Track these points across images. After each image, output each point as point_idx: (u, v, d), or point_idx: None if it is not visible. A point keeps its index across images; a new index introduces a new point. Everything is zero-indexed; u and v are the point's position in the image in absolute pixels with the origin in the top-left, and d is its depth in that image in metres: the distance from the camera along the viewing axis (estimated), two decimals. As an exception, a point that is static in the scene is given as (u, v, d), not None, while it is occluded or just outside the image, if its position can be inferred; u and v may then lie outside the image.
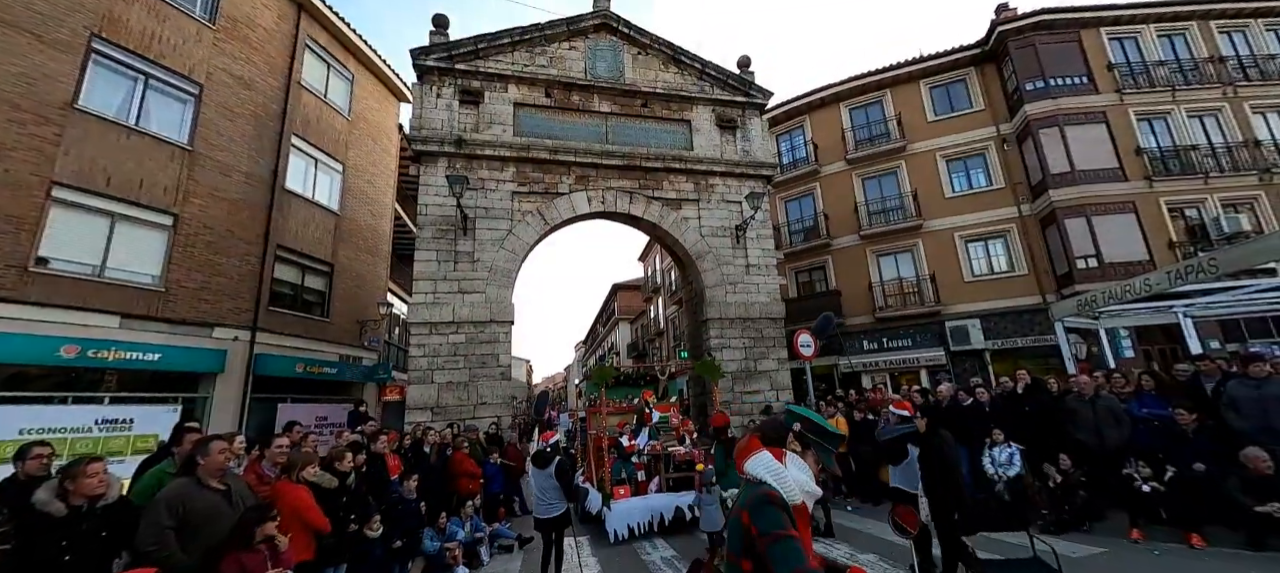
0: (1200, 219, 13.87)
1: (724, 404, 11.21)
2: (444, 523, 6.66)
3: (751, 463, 1.64)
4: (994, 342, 14.46)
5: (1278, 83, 14.80)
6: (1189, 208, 14.07)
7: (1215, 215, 13.68)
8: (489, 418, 9.78)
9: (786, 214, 18.33)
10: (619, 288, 36.95)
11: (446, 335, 9.97)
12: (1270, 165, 14.03)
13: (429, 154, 10.69)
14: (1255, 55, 15.15)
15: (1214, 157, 14.25)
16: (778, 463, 1.63)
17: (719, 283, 11.94)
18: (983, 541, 5.71)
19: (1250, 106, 14.67)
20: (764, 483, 1.60)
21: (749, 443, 1.71)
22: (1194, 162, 14.16)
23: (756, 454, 1.66)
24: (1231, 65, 15.02)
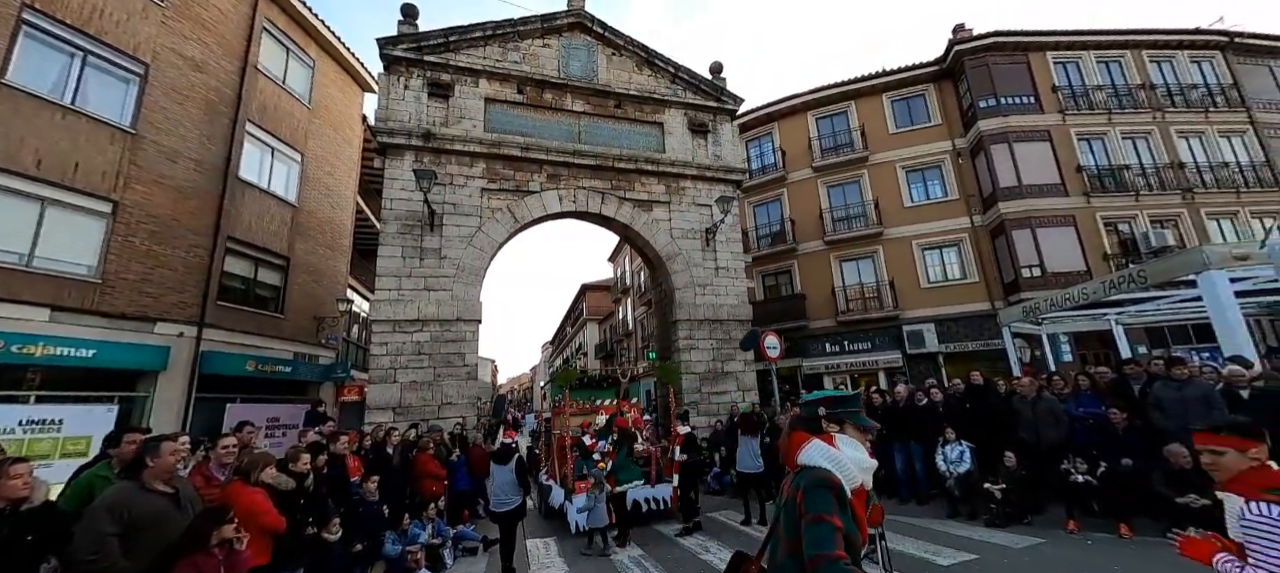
0: (1131, 233, 14.97)
1: (692, 404, 11.36)
2: (406, 525, 6.49)
3: (806, 453, 1.65)
4: (947, 345, 15.18)
5: (1200, 110, 16.14)
6: (1122, 222, 15.16)
7: (1145, 231, 14.79)
8: (454, 418, 9.58)
9: (755, 219, 18.71)
10: (588, 288, 36.79)
11: (411, 334, 9.71)
12: (1192, 186, 15.29)
13: (395, 147, 10.39)
14: (1181, 84, 16.48)
15: (1144, 176, 15.41)
16: (832, 449, 1.65)
17: (688, 285, 12.08)
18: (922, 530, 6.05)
19: (1176, 131, 15.95)
20: (821, 467, 1.60)
21: (794, 438, 1.71)
22: (1127, 180, 15.27)
23: (808, 445, 1.66)
24: (1160, 92, 16.28)
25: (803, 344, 16.64)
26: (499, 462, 5.93)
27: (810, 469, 1.61)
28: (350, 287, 14.94)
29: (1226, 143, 16.00)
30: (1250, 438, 1.93)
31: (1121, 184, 15.24)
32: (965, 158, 16.38)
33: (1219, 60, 16.86)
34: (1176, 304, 9.77)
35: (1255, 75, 16.92)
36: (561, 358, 46.67)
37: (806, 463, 1.63)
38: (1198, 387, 5.64)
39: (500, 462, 5.91)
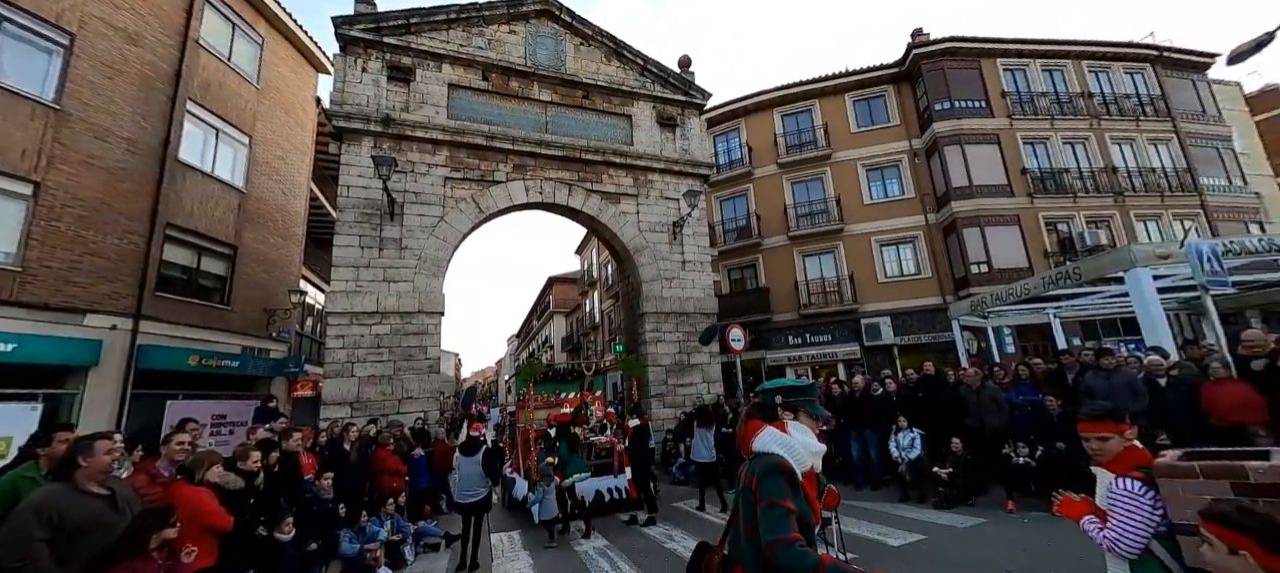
0: (1069, 233, 15.99)
1: (658, 396, 11.48)
2: (364, 523, 6.32)
3: (760, 441, 1.70)
4: (902, 338, 15.85)
5: (1132, 119, 17.34)
6: (1061, 222, 16.16)
7: (1081, 230, 15.82)
8: (415, 413, 9.35)
9: (721, 213, 18.96)
10: (554, 281, 36.46)
11: (369, 326, 9.39)
12: (1123, 190, 16.43)
13: (352, 132, 9.98)
14: (1115, 94, 17.65)
15: (1081, 179, 16.45)
16: (784, 435, 1.71)
17: (656, 278, 12.15)
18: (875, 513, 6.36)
19: (1110, 137, 17.09)
20: (773, 454, 1.66)
21: (749, 426, 1.76)
22: (1066, 183, 16.27)
23: (763, 432, 1.72)
24: (1097, 101, 17.39)
25: (766, 337, 17.03)
26: (466, 453, 6.06)
27: (764, 456, 1.66)
28: (304, 277, 14.31)
29: (1154, 150, 17.27)
30: (1125, 423, 2.20)
31: (1061, 186, 16.23)
32: (921, 158, 17.06)
33: (1149, 73, 18.13)
34: (1108, 299, 10.51)
35: (1180, 88, 18.29)
36: (527, 351, 46.16)
37: (760, 450, 1.69)
38: (1123, 375, 6.10)
39: (467, 453, 6.05)
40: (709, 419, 7.76)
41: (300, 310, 13.83)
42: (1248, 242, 6.88)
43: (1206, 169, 17.33)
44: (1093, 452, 2.25)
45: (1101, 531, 2.08)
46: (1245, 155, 18.83)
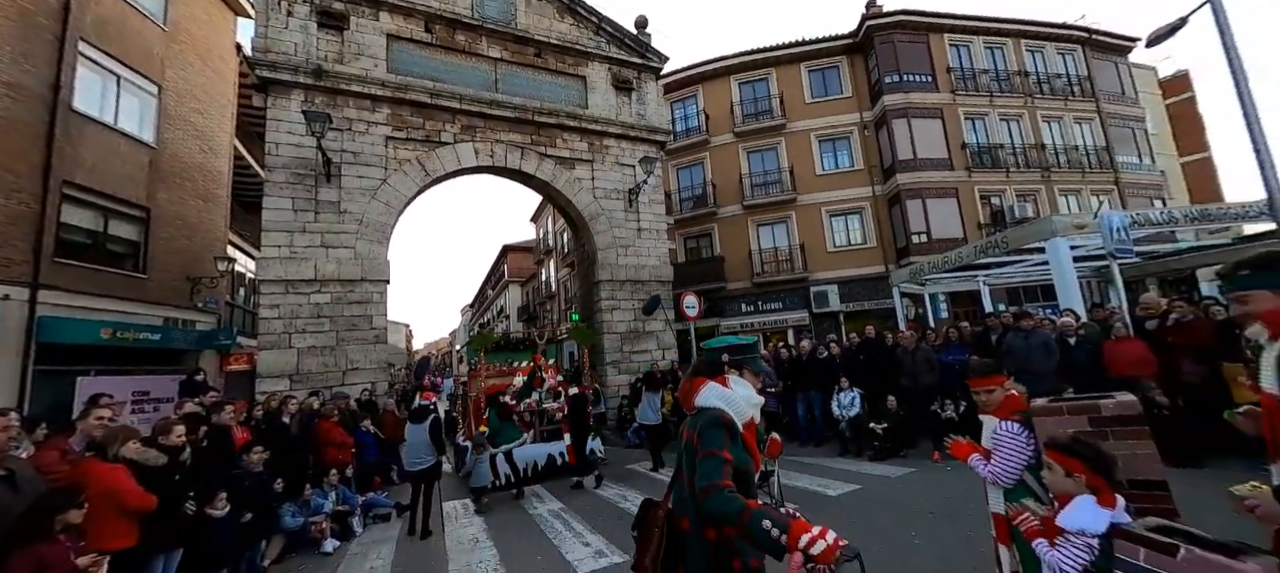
0: (1001, 206, 17.02)
1: (613, 363, 11.57)
2: (307, 496, 6.11)
3: (702, 396, 1.73)
4: (848, 304, 16.58)
5: (1061, 98, 18.42)
6: (994, 196, 17.16)
7: (1011, 203, 16.86)
8: (362, 385, 9.02)
9: (677, 181, 18.93)
10: (509, 249, 35.59)
11: (307, 295, 8.87)
12: (1050, 165, 17.57)
13: (279, 83, 9.16)
14: (1048, 73, 18.65)
15: (1014, 155, 17.45)
16: (725, 389, 1.74)
17: (611, 245, 12.06)
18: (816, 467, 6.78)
19: (1041, 115, 18.13)
20: (714, 408, 1.69)
21: (693, 384, 1.78)
22: (1000, 158, 17.21)
23: (705, 388, 1.75)
24: (1032, 80, 18.34)
25: (721, 304, 17.39)
26: (414, 421, 6.09)
27: (705, 410, 1.70)
28: (232, 243, 13.29)
29: (1078, 128, 18.49)
30: (1004, 375, 2.60)
31: (996, 162, 17.17)
32: (871, 130, 17.55)
33: (1079, 54, 19.23)
34: (1031, 268, 11.33)
35: (1104, 70, 19.54)
36: (482, 322, 45.26)
37: (703, 405, 1.72)
38: (1039, 336, 6.63)
39: (416, 421, 6.07)
40: (656, 384, 7.99)
41: (229, 279, 12.89)
42: (1151, 214, 7.54)
43: (1122, 148, 18.76)
44: (981, 403, 2.58)
45: (986, 466, 2.39)
46: (1155, 136, 20.50)
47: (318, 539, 5.81)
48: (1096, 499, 1.77)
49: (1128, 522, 1.75)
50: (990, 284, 12.70)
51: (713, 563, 1.54)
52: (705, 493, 1.49)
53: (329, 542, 5.82)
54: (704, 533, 1.56)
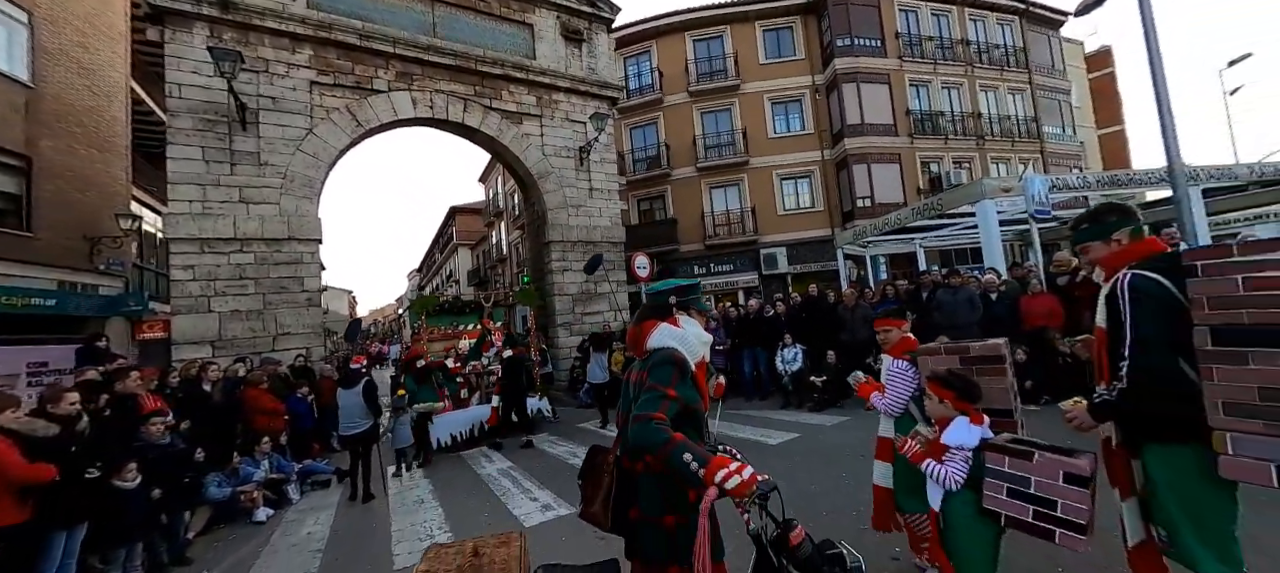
0: (939, 172, 17.82)
1: (565, 325, 11.49)
2: (236, 465, 5.80)
3: (654, 338, 1.70)
4: (795, 266, 17.10)
5: (998, 68, 19.22)
6: (933, 163, 17.92)
7: (948, 170, 17.67)
8: (295, 350, 8.51)
9: (631, 141, 18.58)
10: (457, 211, 34.15)
11: (226, 254, 8.17)
12: (984, 134, 18.46)
13: (176, 14, 8.08)
14: (988, 43, 19.35)
15: (953, 123, 18.19)
16: (676, 328, 1.73)
17: (561, 205, 11.76)
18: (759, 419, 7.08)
19: (980, 84, 18.89)
20: (666, 346, 1.67)
21: (644, 327, 1.75)
22: (940, 126, 17.90)
23: (656, 330, 1.72)
24: (973, 49, 18.98)
25: (673, 266, 17.49)
26: (346, 386, 6.00)
27: (657, 351, 1.68)
28: (136, 200, 11.99)
29: (1011, 99, 19.43)
30: (902, 318, 2.93)
31: (936, 129, 17.85)
32: (822, 93, 17.75)
33: (1016, 25, 20.02)
34: (962, 231, 11.99)
35: (1038, 42, 20.48)
36: (431, 286, 43.73)
37: (655, 346, 1.70)
38: (966, 292, 7.08)
39: (347, 386, 5.98)
40: (602, 344, 8.06)
41: (137, 239, 11.68)
42: (1069, 179, 8.09)
43: (1049, 119, 19.93)
44: (881, 341, 2.90)
45: (882, 400, 2.72)
46: (1078, 109, 21.88)
47: (249, 508, 5.57)
48: (969, 420, 2.08)
49: (992, 437, 2.11)
50: (925, 247, 13.39)
51: (665, 497, 1.54)
52: (635, 421, 1.49)
53: (262, 511, 5.59)
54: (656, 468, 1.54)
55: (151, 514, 4.25)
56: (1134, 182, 8.35)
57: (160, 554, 4.42)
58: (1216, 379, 1.60)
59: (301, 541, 4.76)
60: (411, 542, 4.30)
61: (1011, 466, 1.92)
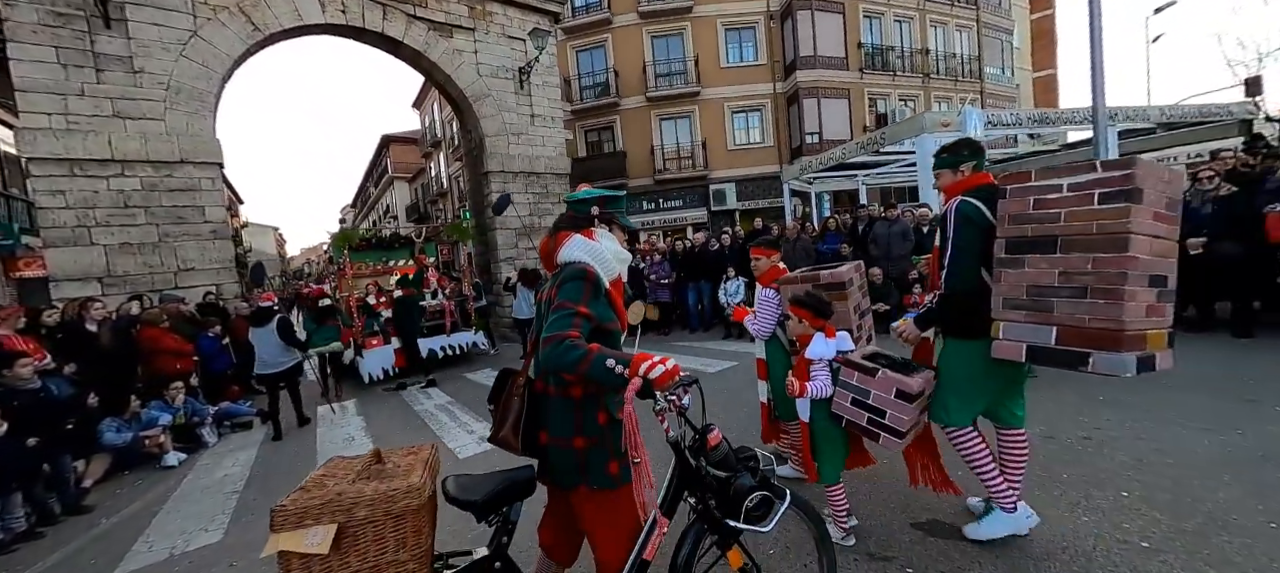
0: (886, 110, 18.01)
1: (508, 260, 11.08)
2: (136, 410, 5.32)
3: (566, 250, 1.57)
4: (744, 203, 17.17)
5: (948, 3, 19.17)
6: (881, 99, 18.06)
7: (895, 107, 17.88)
8: (201, 287, 7.74)
9: (577, 65, 17.49)
10: (390, 140, 31.63)
11: (105, 179, 7.11)
12: (930, 72, 18.67)
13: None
14: (939, -23, 19.19)
15: (902, 59, 18.23)
16: (591, 241, 1.58)
17: (501, 132, 10.99)
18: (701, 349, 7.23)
19: (930, 20, 18.87)
20: (578, 262, 1.54)
21: (557, 237, 1.61)
22: (890, 61, 17.91)
23: (569, 241, 1.58)
24: (924, -19, 18.79)
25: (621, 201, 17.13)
26: (257, 324, 5.80)
27: (568, 265, 1.55)
28: (-12, 112, 10.16)
29: (958, 36, 19.61)
30: (774, 248, 3.11)
31: (886, 65, 17.86)
32: (776, 21, 17.20)
33: (966, -41, 19.89)
34: (902, 168, 12.30)
35: (986, -22, 20.52)
36: (367, 223, 41.12)
37: (566, 259, 1.56)
38: (900, 225, 7.29)
39: (258, 324, 5.78)
40: (531, 280, 8.00)
41: (-6, 160, 10.00)
42: (1003, 115, 8.30)
43: (990, 58, 20.37)
44: (754, 269, 3.08)
45: (753, 323, 2.97)
46: (1018, 49, 22.46)
47: (156, 454, 5.19)
48: (824, 335, 2.31)
49: (851, 349, 2.36)
50: (868, 184, 13.70)
51: (578, 419, 1.49)
52: (545, 343, 1.38)
53: (171, 456, 5.23)
54: (569, 392, 1.49)
55: (26, 464, 3.81)
56: (1061, 120, 8.70)
57: (49, 505, 4.04)
58: (1002, 282, 1.93)
59: (216, 483, 4.48)
60: (336, 480, 4.12)
61: (858, 380, 2.19)
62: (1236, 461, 2.66)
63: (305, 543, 1.04)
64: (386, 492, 1.17)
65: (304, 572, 1.05)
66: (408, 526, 1.16)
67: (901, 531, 2.40)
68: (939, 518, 2.47)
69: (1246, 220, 4.49)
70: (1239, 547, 2.00)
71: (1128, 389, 3.81)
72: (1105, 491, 2.52)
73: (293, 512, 1.03)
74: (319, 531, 1.05)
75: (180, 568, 2.99)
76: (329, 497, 1.10)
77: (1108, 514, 2.33)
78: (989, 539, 2.19)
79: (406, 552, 1.17)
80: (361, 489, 1.16)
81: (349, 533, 1.09)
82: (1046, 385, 4.05)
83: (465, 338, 8.22)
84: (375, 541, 1.12)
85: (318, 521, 1.06)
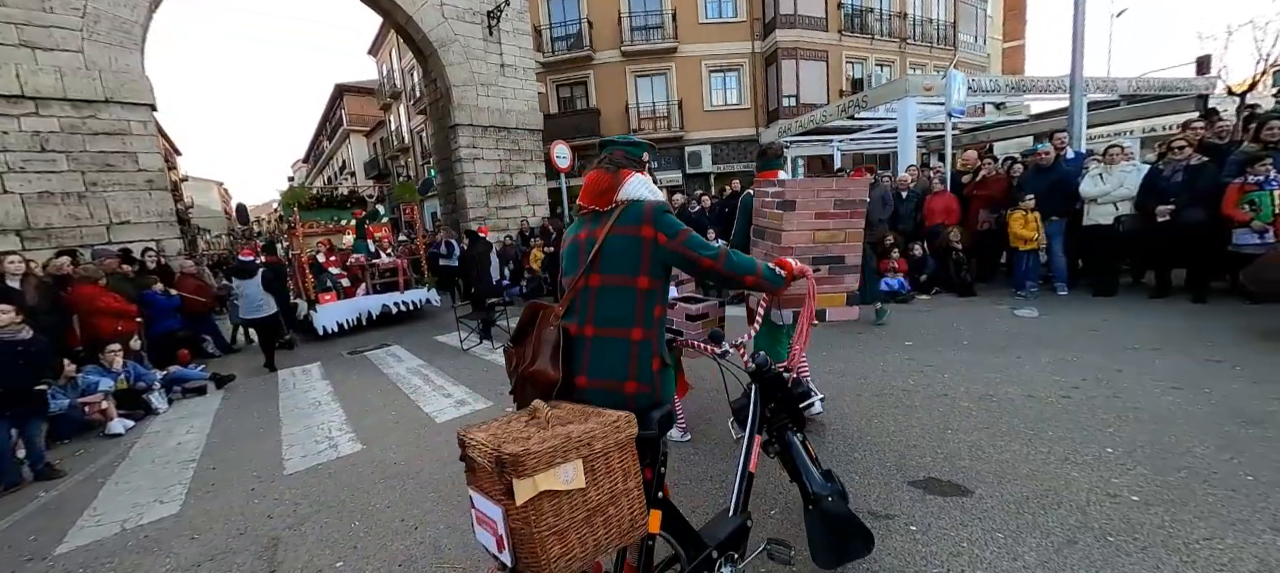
0: (863, 75, 17.94)
1: (479, 219, 10.65)
2: (71, 374, 4.88)
3: (630, 187, 1.55)
4: (719, 166, 16.99)
5: (925, -33, 19.00)
6: (858, 63, 17.95)
7: (872, 72, 17.83)
8: (138, 242, 7.09)
9: (549, 14, 16.58)
10: (344, 90, 29.56)
11: (15, 118, 6.30)
12: (907, 37, 18.63)
13: None
14: (919, -62, 18.92)
15: (880, 22, 18.07)
16: (651, 182, 1.63)
17: (469, 82, 10.35)
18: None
19: (908, -18, 18.69)
20: (652, 199, 1.55)
21: (621, 174, 1.57)
22: (869, 24, 17.73)
23: (631, 178, 1.56)
24: (905, -58, 18.50)
25: (596, 161, 16.68)
26: (243, 276, 6.44)
27: (639, 202, 1.52)
28: None
29: (936, 1, 19.54)
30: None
31: (864, 27, 17.68)
32: (756, -23, 16.68)
33: (947, -79, 19.63)
34: (876, 135, 12.34)
35: (964, -58, 20.37)
36: (320, 180, 38.87)
37: (631, 196, 1.53)
38: (879, 190, 7.29)
39: (244, 276, 6.42)
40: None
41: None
42: (983, 81, 8.36)
43: (965, 27, 20.46)
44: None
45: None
46: (991, 18, 22.63)
47: (99, 422, 4.80)
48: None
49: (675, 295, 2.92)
50: (842, 150, 13.73)
51: (634, 364, 1.47)
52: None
53: (117, 423, 4.86)
54: (628, 334, 1.47)
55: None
56: (1037, 87, 8.82)
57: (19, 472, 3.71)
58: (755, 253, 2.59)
59: (169, 451, 4.17)
60: (305, 445, 3.89)
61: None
62: (1205, 417, 2.79)
63: (561, 480, 1.10)
64: (613, 422, 1.20)
65: (554, 513, 1.09)
66: (630, 454, 1.23)
67: (899, 489, 2.41)
68: (935, 476, 2.49)
69: (1210, 190, 4.65)
70: (1222, 499, 2.08)
71: (1099, 352, 3.97)
72: (1090, 447, 2.60)
73: (543, 453, 1.07)
74: (569, 467, 1.11)
75: (134, 542, 2.75)
76: (566, 435, 1.14)
77: (1095, 468, 2.39)
78: None
79: (632, 479, 1.23)
80: (590, 425, 1.18)
81: (589, 467, 1.15)
82: (1024, 348, 4.18)
83: (418, 295, 8.48)
84: (608, 472, 1.18)
85: (566, 458, 1.10)
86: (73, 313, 5.50)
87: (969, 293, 6.43)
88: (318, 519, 2.76)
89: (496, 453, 1.06)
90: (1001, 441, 2.76)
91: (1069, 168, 5.96)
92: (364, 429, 4.11)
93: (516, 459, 1.03)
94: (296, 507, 2.93)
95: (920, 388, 3.65)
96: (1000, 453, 2.63)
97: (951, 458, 2.62)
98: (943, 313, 5.82)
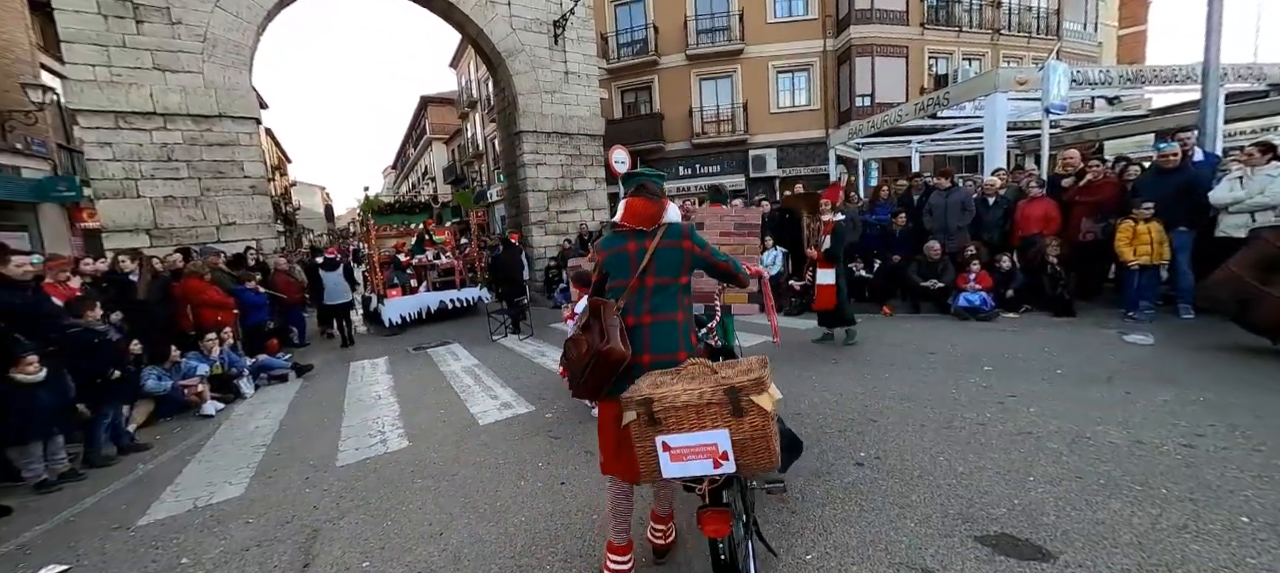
0: (947, 71, 16.56)
1: (539, 223, 10.92)
2: (176, 359, 5.48)
3: (671, 213, 2.01)
4: (785, 170, 16.34)
5: (1023, -50, 17.22)
6: (942, 58, 16.60)
7: (958, 67, 16.42)
8: (242, 241, 7.91)
9: (615, 21, 16.77)
10: (429, 101, 31.71)
11: (148, 132, 7.25)
12: (1000, 27, 16.98)
13: None
14: (1017, -82, 17.19)
15: (969, 12, 16.61)
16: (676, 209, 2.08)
17: (534, 89, 10.65)
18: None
19: (1002, -32, 17.03)
20: (682, 223, 2.00)
21: (662, 202, 2.02)
22: (955, 15, 16.35)
23: (669, 207, 2.03)
24: (1000, -76, 16.87)
25: (657, 166, 16.61)
26: (328, 270, 7.97)
27: (676, 224, 1.99)
28: (46, 68, 10.55)
29: (1035, -13, 17.68)
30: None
31: (950, 18, 16.33)
32: (829, -28, 15.91)
33: (1051, -102, 17.68)
34: (960, 135, 11.28)
35: (1072, -80, 18.26)
36: (406, 184, 41.92)
37: (670, 220, 1.99)
38: (959, 194, 6.63)
39: (329, 270, 7.98)
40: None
41: (55, 112, 10.42)
42: (1090, 72, 7.35)
43: (1071, 11, 18.33)
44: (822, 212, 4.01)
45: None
46: (1104, 3, 20.13)
47: (195, 403, 5.35)
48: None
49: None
50: (922, 151, 12.70)
51: (681, 338, 1.95)
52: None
53: (210, 405, 5.37)
54: (674, 317, 1.95)
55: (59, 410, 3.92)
56: (1159, 77, 7.61)
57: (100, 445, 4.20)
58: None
59: (246, 435, 4.55)
60: (359, 438, 4.09)
61: None
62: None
63: (775, 397, 1.52)
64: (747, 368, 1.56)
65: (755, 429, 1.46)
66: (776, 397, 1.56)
67: (963, 544, 2.07)
68: (1010, 533, 2.12)
69: None
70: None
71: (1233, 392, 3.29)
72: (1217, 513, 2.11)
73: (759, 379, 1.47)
74: (775, 390, 1.53)
75: (200, 520, 2.98)
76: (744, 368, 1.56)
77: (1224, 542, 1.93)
78: None
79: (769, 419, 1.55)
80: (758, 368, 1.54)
81: None
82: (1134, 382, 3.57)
83: (471, 293, 9.37)
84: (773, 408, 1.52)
85: (769, 387, 1.51)
86: (184, 303, 6.19)
87: (1067, 313, 5.63)
88: (355, 516, 2.85)
89: (729, 384, 1.46)
90: (1098, 496, 2.31)
91: (1199, 170, 5.06)
92: (413, 426, 4.25)
93: (755, 384, 1.43)
94: (339, 500, 3.05)
95: (998, 422, 3.18)
96: (1095, 512, 2.20)
97: (1032, 513, 2.23)
98: (1033, 335, 5.13)
